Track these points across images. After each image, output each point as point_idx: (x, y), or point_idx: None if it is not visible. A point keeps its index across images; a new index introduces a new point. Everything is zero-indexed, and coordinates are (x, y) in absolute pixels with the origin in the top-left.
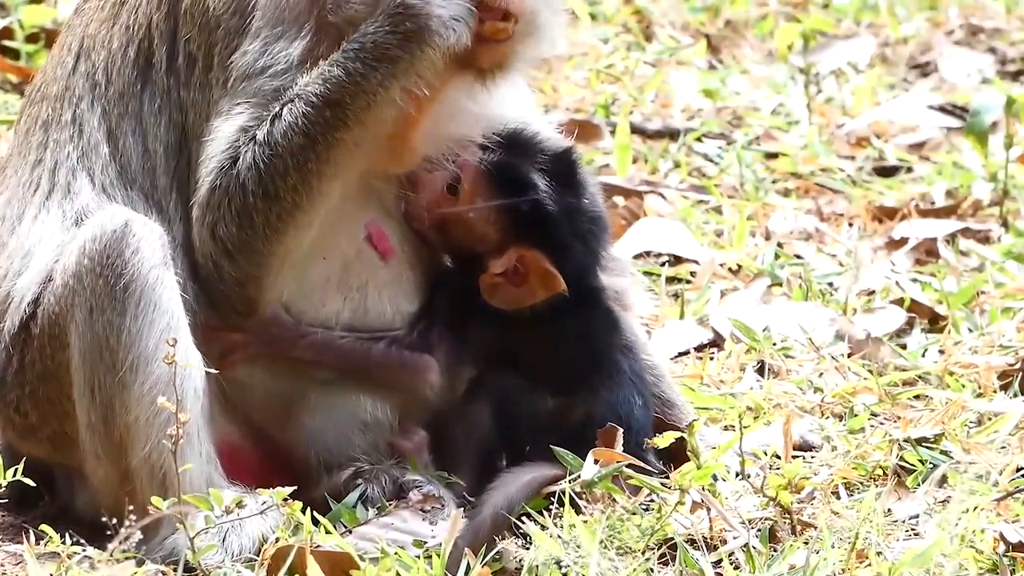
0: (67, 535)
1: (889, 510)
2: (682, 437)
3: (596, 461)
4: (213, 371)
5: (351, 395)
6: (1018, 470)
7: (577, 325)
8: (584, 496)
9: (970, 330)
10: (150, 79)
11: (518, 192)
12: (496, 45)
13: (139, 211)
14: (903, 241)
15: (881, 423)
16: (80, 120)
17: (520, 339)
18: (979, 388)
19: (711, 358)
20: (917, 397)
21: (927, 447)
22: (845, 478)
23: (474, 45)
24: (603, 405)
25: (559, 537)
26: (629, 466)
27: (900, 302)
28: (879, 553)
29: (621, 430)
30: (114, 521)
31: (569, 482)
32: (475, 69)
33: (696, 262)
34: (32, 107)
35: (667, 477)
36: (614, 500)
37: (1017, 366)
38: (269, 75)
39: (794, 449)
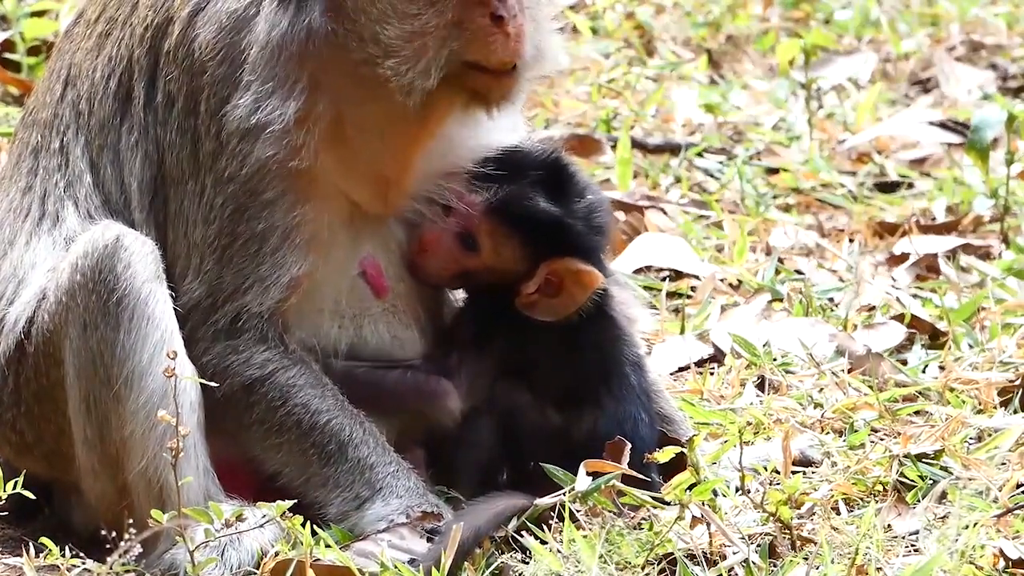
0: (67, 548)
1: (889, 526)
2: (682, 452)
3: (589, 473)
4: (212, 384)
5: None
6: (1018, 486)
7: (592, 332)
8: (584, 511)
9: (970, 346)
10: (128, 113)
11: (535, 220)
12: (504, 78)
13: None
14: (904, 257)
15: (881, 439)
16: (66, 149)
17: (539, 353)
18: (979, 404)
19: (711, 373)
20: (917, 413)
21: (927, 463)
22: (845, 494)
23: (483, 80)
24: (609, 420)
25: (559, 552)
26: (628, 481)
27: (901, 318)
28: (879, 569)
29: (628, 444)
30: (113, 535)
31: (565, 494)
32: (483, 102)
33: (697, 277)
34: (24, 131)
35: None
36: (614, 514)
37: (1017, 382)
38: (267, 139)
39: (794, 464)
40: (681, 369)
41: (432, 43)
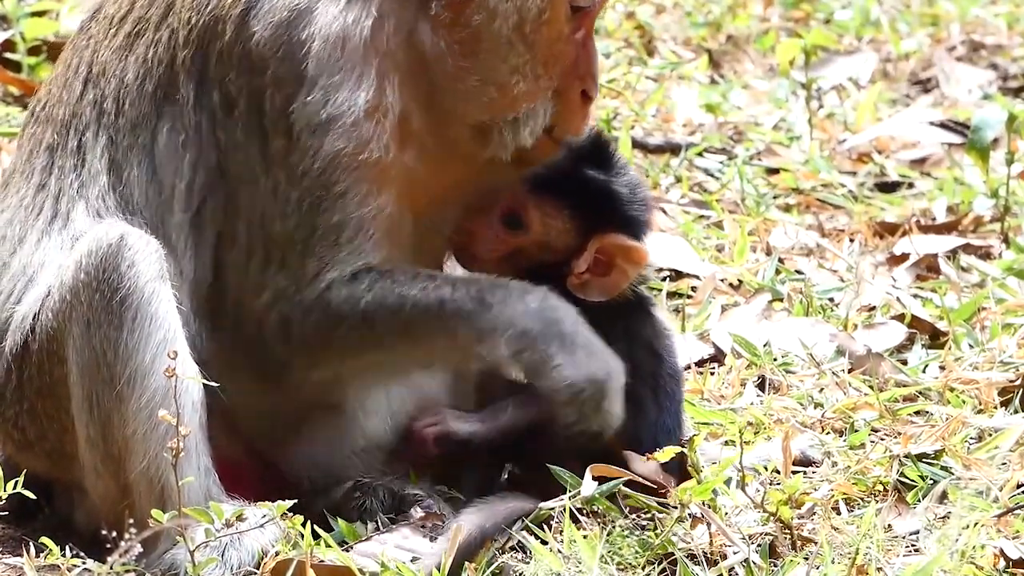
0: (67, 548)
1: (889, 526)
2: (682, 452)
3: (595, 478)
4: (213, 384)
5: (342, 421)
6: (1018, 486)
7: (643, 331)
8: (584, 511)
9: (971, 346)
10: (170, 114)
11: (585, 188)
12: (557, 147)
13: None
14: (904, 257)
15: (881, 439)
16: (84, 148)
17: None
18: (980, 404)
19: (711, 373)
20: (918, 413)
21: (927, 463)
22: (845, 494)
23: (543, 144)
24: (650, 429)
25: (559, 552)
26: (635, 486)
27: (901, 318)
28: (879, 569)
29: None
30: (114, 534)
31: (569, 498)
32: (527, 160)
33: (697, 277)
34: (36, 126)
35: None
36: (621, 516)
37: (1017, 382)
38: (338, 132)
39: (794, 464)
40: None
41: (539, 104)
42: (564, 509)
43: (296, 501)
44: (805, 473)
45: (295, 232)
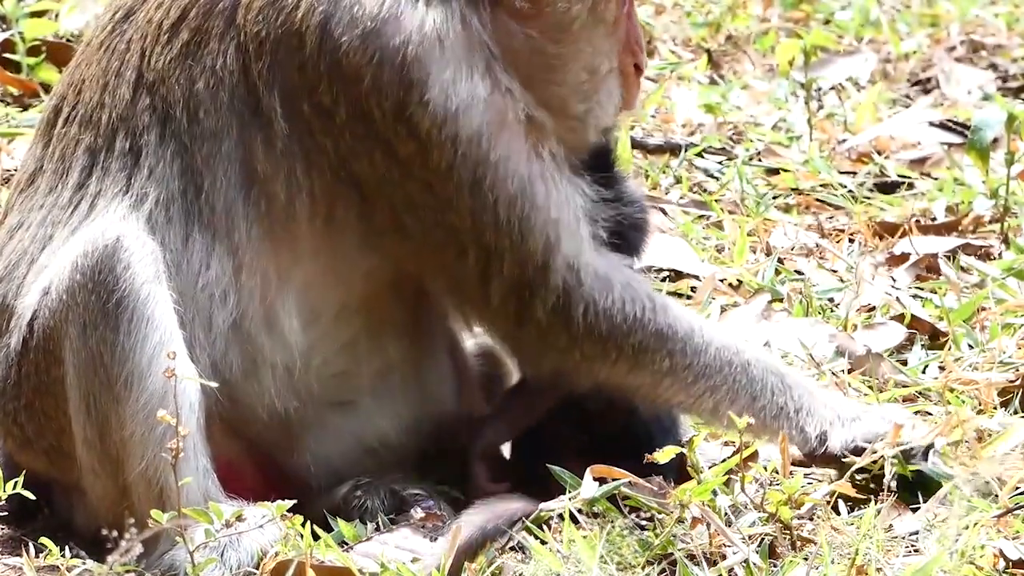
0: (67, 548)
1: (890, 526)
2: (682, 453)
3: (596, 479)
4: (213, 384)
5: (353, 420)
6: (1018, 486)
7: None
8: (584, 511)
9: (970, 346)
10: (258, 125)
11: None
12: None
13: (201, 249)
14: (904, 257)
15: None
16: (139, 152)
17: None
18: (979, 404)
19: None
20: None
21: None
22: (845, 494)
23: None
24: (641, 425)
25: (559, 552)
26: (630, 484)
27: (900, 318)
28: (879, 569)
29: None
30: (114, 535)
31: (569, 499)
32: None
33: (697, 277)
34: (68, 127)
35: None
36: (622, 516)
37: (1017, 382)
38: (472, 115)
39: (794, 465)
40: None
41: (613, 81)
42: (564, 509)
43: (296, 501)
44: (805, 473)
45: (480, 220)
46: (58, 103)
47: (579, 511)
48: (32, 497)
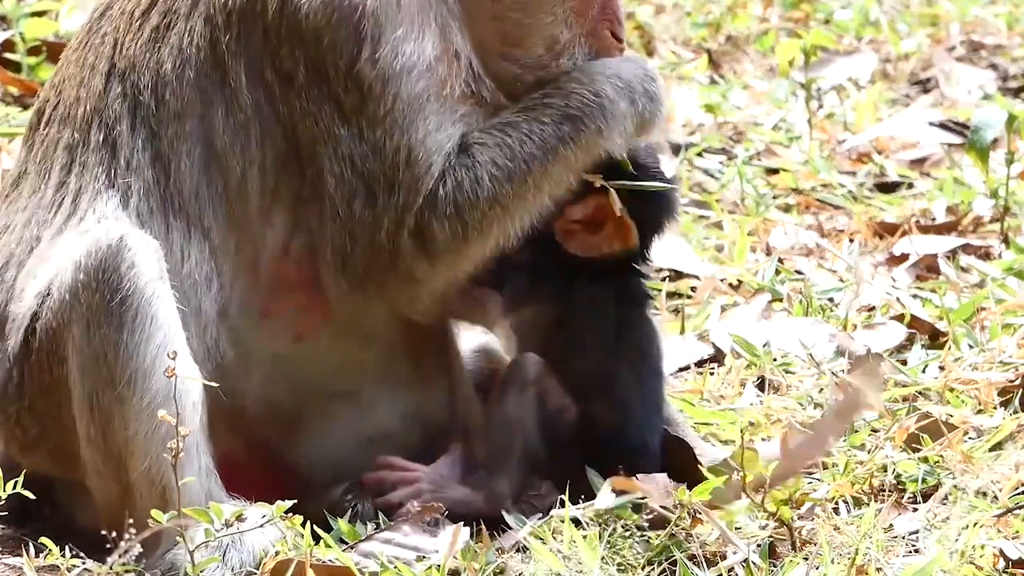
0: (67, 548)
1: (890, 526)
2: (680, 452)
3: (614, 490)
4: (213, 384)
5: (355, 412)
6: (1018, 487)
7: (637, 328)
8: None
9: (970, 346)
10: (222, 98)
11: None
12: None
13: (180, 237)
14: (904, 257)
15: (882, 439)
16: (115, 143)
17: (583, 320)
18: (979, 404)
19: (711, 373)
20: (916, 411)
21: (927, 463)
22: (845, 494)
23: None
24: (637, 429)
25: (559, 552)
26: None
27: (900, 318)
28: (879, 569)
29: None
30: (114, 535)
31: (582, 509)
32: None
33: (697, 277)
34: (49, 128)
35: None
36: (616, 516)
37: (1017, 382)
38: (415, 76)
39: None
40: (681, 369)
41: (578, 50)
42: (562, 505)
43: (296, 501)
44: (805, 473)
45: (392, 158)
46: (40, 105)
47: (580, 510)
48: (32, 497)
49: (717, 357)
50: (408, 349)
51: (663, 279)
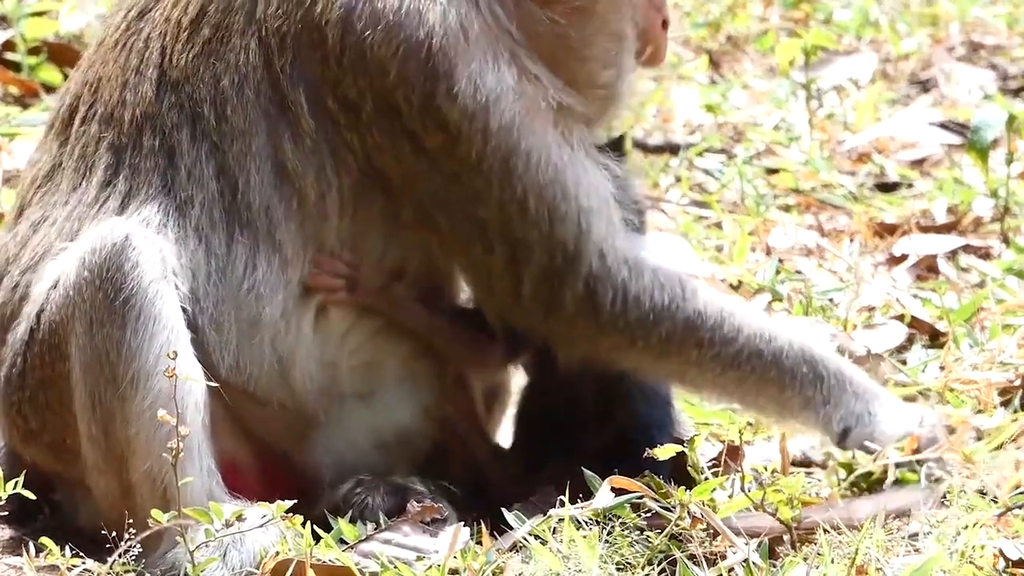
0: (67, 548)
1: (890, 526)
2: (682, 452)
3: (613, 489)
4: (214, 384)
5: (371, 412)
6: (1016, 487)
7: None
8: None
9: (971, 346)
10: (286, 121)
11: None
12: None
13: (245, 250)
14: (904, 257)
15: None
16: (172, 151)
17: None
18: (979, 404)
19: None
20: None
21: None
22: (845, 494)
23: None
24: (641, 426)
25: (559, 551)
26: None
27: (900, 318)
28: (879, 569)
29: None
30: (114, 534)
31: (582, 508)
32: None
33: (697, 277)
34: (85, 125)
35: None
36: (615, 516)
37: (1017, 382)
38: (502, 106)
39: (794, 464)
40: None
41: (633, 44)
42: (562, 505)
43: (297, 502)
44: (805, 473)
45: (508, 209)
46: (73, 102)
47: (580, 509)
48: (32, 497)
49: None
50: (427, 350)
51: None
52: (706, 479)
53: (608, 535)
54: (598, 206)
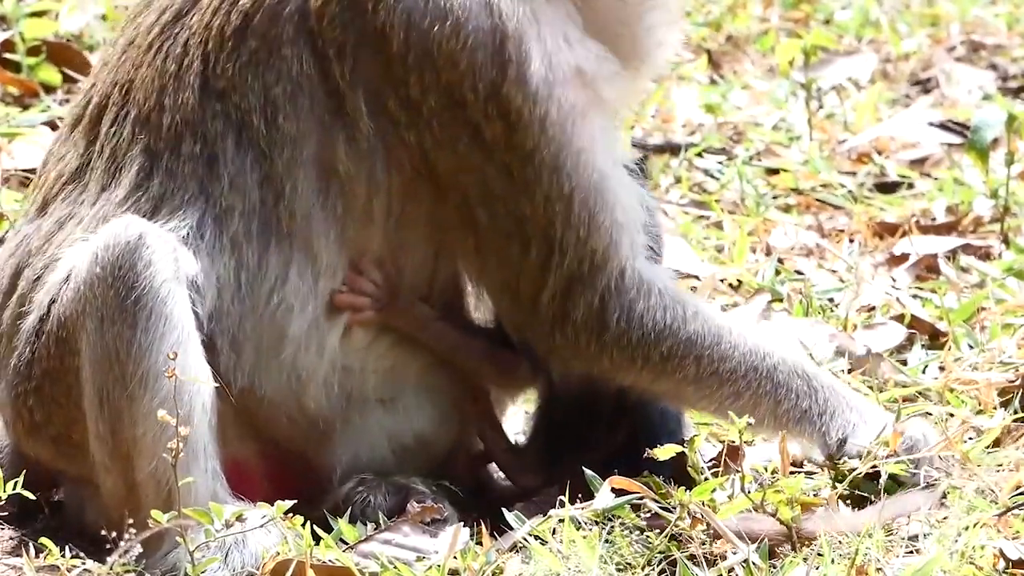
0: (67, 548)
1: (890, 526)
2: (682, 452)
3: (613, 489)
4: (215, 385)
5: (392, 417)
6: (1016, 487)
7: None
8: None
9: (970, 346)
10: (341, 127)
11: None
12: None
13: (278, 261)
14: (904, 257)
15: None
16: (213, 158)
17: None
18: (979, 404)
19: None
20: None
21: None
22: (845, 494)
23: None
24: (650, 428)
25: (559, 552)
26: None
27: (900, 318)
28: (879, 569)
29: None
30: (114, 535)
31: (582, 509)
32: None
33: (697, 277)
34: (116, 126)
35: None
36: (615, 516)
37: (1017, 382)
38: (564, 89)
39: (794, 465)
40: None
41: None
42: (562, 505)
43: (297, 502)
44: (806, 474)
45: (553, 206)
46: (102, 101)
47: (580, 509)
48: (32, 497)
49: None
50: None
51: None
52: (706, 479)
53: (608, 535)
54: (629, 224)
